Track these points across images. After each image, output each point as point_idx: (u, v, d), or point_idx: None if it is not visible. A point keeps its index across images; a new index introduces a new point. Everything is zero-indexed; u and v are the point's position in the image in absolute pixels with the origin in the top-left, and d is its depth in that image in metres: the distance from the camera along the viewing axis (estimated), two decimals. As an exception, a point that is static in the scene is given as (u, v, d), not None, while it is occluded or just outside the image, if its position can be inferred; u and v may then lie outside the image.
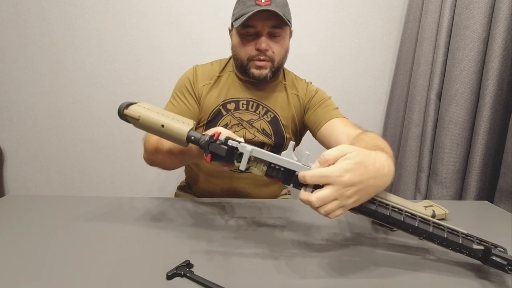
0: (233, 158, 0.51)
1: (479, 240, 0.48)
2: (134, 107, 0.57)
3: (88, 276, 0.46)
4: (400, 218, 0.47)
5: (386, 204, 0.48)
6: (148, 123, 0.56)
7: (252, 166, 0.50)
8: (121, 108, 0.57)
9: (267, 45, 0.75)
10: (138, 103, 0.58)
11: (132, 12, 1.33)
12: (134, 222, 0.64)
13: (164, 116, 0.55)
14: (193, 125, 0.56)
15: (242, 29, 0.75)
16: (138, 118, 0.55)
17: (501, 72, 1.01)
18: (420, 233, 0.48)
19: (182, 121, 0.56)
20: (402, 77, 1.36)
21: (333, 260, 0.52)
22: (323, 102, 0.86)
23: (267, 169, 0.50)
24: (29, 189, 1.54)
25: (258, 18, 0.72)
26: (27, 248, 0.53)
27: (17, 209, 0.69)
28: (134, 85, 1.42)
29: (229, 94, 0.84)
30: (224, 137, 0.52)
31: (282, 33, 0.77)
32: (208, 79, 0.85)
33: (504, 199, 0.98)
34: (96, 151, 1.49)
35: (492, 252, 0.45)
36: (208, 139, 0.52)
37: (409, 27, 1.31)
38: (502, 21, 0.99)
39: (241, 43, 0.78)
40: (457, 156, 1.13)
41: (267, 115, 0.85)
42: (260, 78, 0.78)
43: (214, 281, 0.44)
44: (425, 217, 0.48)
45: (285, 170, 0.49)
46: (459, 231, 0.48)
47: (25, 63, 1.37)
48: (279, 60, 0.79)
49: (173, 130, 0.54)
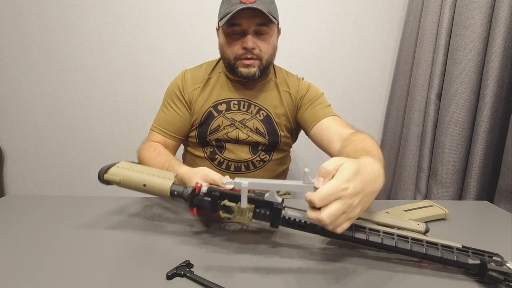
0: (217, 208, 0.51)
1: (475, 251, 0.47)
2: (113, 170, 0.57)
3: (88, 276, 0.46)
4: (392, 243, 0.47)
5: (377, 230, 0.49)
6: (130, 184, 0.57)
7: (237, 215, 0.50)
8: (100, 174, 0.57)
9: (253, 43, 0.75)
10: (117, 164, 0.59)
11: (132, 12, 1.33)
12: (134, 222, 0.64)
13: (144, 173, 0.56)
14: (174, 178, 0.56)
15: (228, 28, 0.75)
16: (119, 182, 0.57)
17: (501, 72, 1.01)
18: (414, 255, 0.48)
19: (163, 176, 0.56)
20: (402, 77, 1.36)
21: (333, 260, 0.52)
22: (315, 99, 0.85)
23: (253, 215, 0.50)
24: (29, 189, 1.54)
25: (243, 16, 0.72)
26: (27, 248, 0.53)
27: (17, 209, 0.69)
28: (134, 85, 1.42)
29: (219, 95, 0.84)
30: (206, 188, 0.52)
31: (269, 31, 0.76)
32: (197, 82, 0.85)
33: (504, 199, 0.98)
34: (96, 151, 1.50)
35: (488, 268, 0.44)
36: (190, 192, 0.53)
37: (409, 27, 1.31)
38: (502, 21, 0.99)
39: (227, 42, 0.77)
40: (457, 156, 1.13)
41: (259, 114, 0.84)
42: (248, 76, 0.78)
43: (214, 281, 0.44)
44: (418, 237, 0.48)
45: (271, 213, 0.49)
46: (454, 247, 0.47)
47: (25, 63, 1.38)
48: (267, 58, 0.79)
49: (155, 187, 0.55)
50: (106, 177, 0.57)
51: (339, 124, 0.77)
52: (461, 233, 0.64)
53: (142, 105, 1.44)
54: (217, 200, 0.51)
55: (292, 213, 0.51)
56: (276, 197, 0.50)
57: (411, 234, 0.49)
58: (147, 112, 1.44)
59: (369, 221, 0.53)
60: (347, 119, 1.48)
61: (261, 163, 0.86)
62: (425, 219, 0.66)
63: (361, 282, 0.46)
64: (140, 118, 1.45)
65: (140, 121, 1.46)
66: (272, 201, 0.50)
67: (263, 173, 0.87)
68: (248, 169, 0.85)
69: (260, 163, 0.86)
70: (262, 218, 0.50)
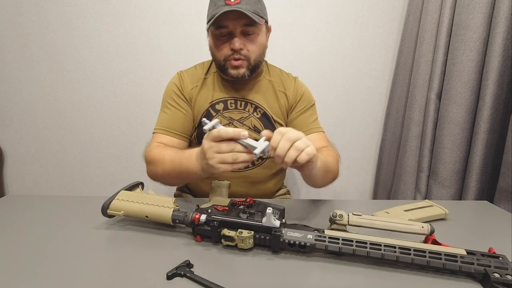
0: (219, 237, 0.54)
1: (479, 257, 0.47)
2: (115, 204, 0.60)
3: (88, 276, 0.46)
4: (394, 258, 0.48)
5: (379, 243, 0.49)
6: (133, 215, 0.60)
7: (238, 243, 0.52)
8: (104, 209, 0.60)
9: (240, 44, 0.74)
10: (117, 196, 0.61)
11: (132, 12, 1.33)
12: (134, 222, 0.64)
13: (144, 204, 0.59)
14: (174, 204, 0.58)
15: (215, 30, 0.75)
16: (122, 215, 0.60)
17: (501, 72, 1.01)
18: (416, 266, 0.48)
19: (162, 204, 0.58)
20: (402, 77, 1.36)
21: (332, 259, 0.52)
22: (306, 109, 0.88)
23: (254, 240, 0.53)
24: (29, 189, 1.54)
25: (229, 17, 0.72)
26: (27, 248, 0.53)
27: (17, 209, 0.69)
28: (134, 85, 1.42)
29: (216, 95, 0.84)
30: (204, 217, 0.54)
31: (256, 31, 0.76)
32: (195, 81, 0.85)
33: (504, 199, 0.98)
34: (96, 151, 1.50)
35: (491, 279, 0.44)
36: (189, 223, 0.55)
37: (409, 27, 1.31)
38: (502, 21, 0.99)
39: (215, 44, 0.77)
40: (457, 156, 1.13)
41: (256, 111, 0.85)
42: (238, 77, 0.78)
43: (214, 281, 0.44)
44: (420, 248, 0.48)
45: (271, 237, 0.51)
46: (458, 255, 0.47)
47: (25, 63, 1.38)
48: (256, 57, 0.78)
49: (157, 216, 0.58)
50: (110, 212, 0.60)
51: (321, 140, 0.83)
52: (461, 233, 0.64)
53: (142, 105, 1.44)
54: (217, 229, 0.53)
55: (292, 234, 0.52)
56: (274, 222, 0.52)
57: (413, 245, 0.48)
58: (147, 112, 1.44)
59: (372, 228, 0.54)
60: (347, 119, 1.49)
61: (259, 161, 0.86)
62: (425, 219, 0.66)
63: (362, 281, 0.46)
64: (140, 118, 1.46)
65: (140, 121, 1.46)
66: (270, 226, 0.52)
67: (261, 170, 0.87)
68: (247, 167, 0.85)
69: (258, 161, 0.86)
70: (263, 243, 0.52)
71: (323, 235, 0.51)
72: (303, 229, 0.53)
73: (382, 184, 1.49)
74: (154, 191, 0.63)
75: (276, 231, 0.51)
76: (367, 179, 1.59)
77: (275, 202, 0.69)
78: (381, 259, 0.48)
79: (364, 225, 0.54)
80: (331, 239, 0.50)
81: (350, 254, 0.49)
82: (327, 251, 0.51)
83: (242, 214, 0.55)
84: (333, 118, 1.47)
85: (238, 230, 0.52)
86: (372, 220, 0.54)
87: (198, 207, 0.58)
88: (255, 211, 0.55)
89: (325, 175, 0.68)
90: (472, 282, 0.46)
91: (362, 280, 0.47)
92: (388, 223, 0.54)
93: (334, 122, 1.48)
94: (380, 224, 0.54)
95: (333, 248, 0.50)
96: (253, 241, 0.53)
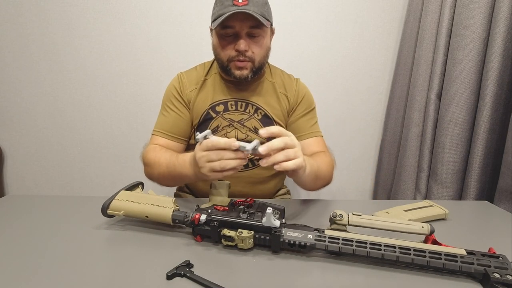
0: (219, 237, 0.54)
1: (479, 257, 0.47)
2: (115, 204, 0.60)
3: (88, 276, 0.46)
4: (394, 258, 0.48)
5: (379, 243, 0.49)
6: (133, 215, 0.60)
7: (238, 243, 0.53)
8: (104, 209, 0.60)
9: (246, 46, 0.74)
10: (117, 196, 0.61)
11: (132, 12, 1.33)
12: (134, 222, 0.64)
13: (145, 204, 0.59)
14: (174, 204, 0.58)
15: (220, 29, 0.75)
16: (122, 215, 0.60)
17: (501, 72, 1.01)
18: (416, 266, 0.48)
19: (162, 204, 0.59)
20: (402, 77, 1.36)
21: (332, 259, 0.52)
22: (306, 113, 0.88)
23: (254, 240, 0.53)
24: (29, 189, 1.54)
25: (236, 18, 0.71)
26: (27, 248, 0.53)
27: (17, 209, 0.69)
28: (134, 85, 1.42)
29: (216, 96, 0.84)
30: (204, 217, 0.55)
31: (262, 33, 0.76)
32: (194, 83, 0.85)
33: (504, 199, 0.98)
34: (96, 151, 1.50)
35: (491, 280, 0.44)
36: (190, 223, 0.56)
37: (409, 27, 1.31)
38: (502, 21, 0.99)
39: (220, 44, 0.77)
40: (457, 156, 1.13)
41: (257, 113, 0.85)
42: (241, 78, 0.78)
43: (214, 281, 0.44)
44: (420, 248, 0.48)
45: (271, 237, 0.52)
46: (458, 255, 0.47)
47: (25, 63, 1.38)
48: (260, 60, 0.79)
49: (158, 216, 0.58)
50: (110, 212, 0.60)
51: (318, 145, 0.84)
52: (461, 233, 0.64)
53: (142, 105, 1.44)
54: (217, 229, 0.54)
55: (292, 234, 0.52)
56: (274, 222, 0.52)
57: (413, 245, 0.48)
58: (147, 112, 1.44)
59: (372, 228, 0.53)
60: (347, 119, 1.49)
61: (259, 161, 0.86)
62: (425, 219, 0.66)
63: (362, 281, 0.46)
64: (140, 118, 1.46)
65: (140, 121, 1.46)
66: (270, 226, 0.52)
67: (262, 170, 0.87)
68: (247, 167, 0.85)
69: (258, 161, 0.86)
70: (263, 243, 0.53)
71: (323, 235, 0.51)
72: (303, 229, 0.53)
73: (382, 184, 1.49)
74: (154, 191, 0.63)
75: (276, 231, 0.51)
76: (367, 179, 1.59)
77: (275, 202, 0.69)
78: (381, 259, 0.48)
79: (364, 225, 0.54)
80: (331, 239, 0.50)
81: (350, 254, 0.49)
82: (327, 251, 0.51)
83: (242, 214, 0.55)
84: (333, 118, 1.47)
85: (238, 230, 0.52)
86: (372, 220, 0.54)
87: (198, 207, 0.58)
88: (255, 211, 0.56)
89: (315, 181, 0.70)
90: (472, 282, 0.46)
91: (362, 280, 0.47)
92: (388, 223, 0.54)
93: (334, 122, 1.48)
94: (380, 224, 0.54)
95: (333, 248, 0.50)
96: (253, 241, 0.53)
